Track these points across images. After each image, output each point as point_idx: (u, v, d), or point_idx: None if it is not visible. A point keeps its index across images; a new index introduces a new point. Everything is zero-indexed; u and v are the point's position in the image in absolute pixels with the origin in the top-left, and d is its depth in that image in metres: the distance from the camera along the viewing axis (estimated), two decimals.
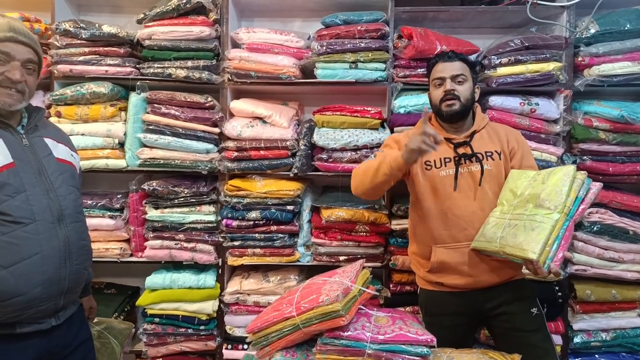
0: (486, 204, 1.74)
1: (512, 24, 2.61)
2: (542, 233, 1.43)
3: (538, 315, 1.75)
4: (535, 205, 1.53)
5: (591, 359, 2.43)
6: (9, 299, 1.28)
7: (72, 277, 1.42)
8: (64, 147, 1.53)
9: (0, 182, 1.28)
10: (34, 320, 1.35)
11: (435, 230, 1.77)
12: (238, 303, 2.46)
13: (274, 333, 1.42)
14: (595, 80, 2.31)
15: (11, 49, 1.34)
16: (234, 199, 2.39)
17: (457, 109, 1.76)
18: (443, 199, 1.76)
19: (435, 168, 1.79)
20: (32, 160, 1.38)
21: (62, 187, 1.43)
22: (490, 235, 1.61)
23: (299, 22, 2.77)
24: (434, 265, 1.77)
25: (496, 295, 1.75)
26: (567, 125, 2.36)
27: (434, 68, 1.83)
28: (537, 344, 1.69)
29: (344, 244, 2.40)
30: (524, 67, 2.32)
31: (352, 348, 1.33)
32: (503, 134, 1.85)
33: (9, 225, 1.28)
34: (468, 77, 1.79)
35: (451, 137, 1.81)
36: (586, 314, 2.40)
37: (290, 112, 2.51)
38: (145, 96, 2.44)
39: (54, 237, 1.36)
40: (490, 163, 1.77)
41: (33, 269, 1.31)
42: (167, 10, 2.39)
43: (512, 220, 1.57)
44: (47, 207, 1.36)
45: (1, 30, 1.33)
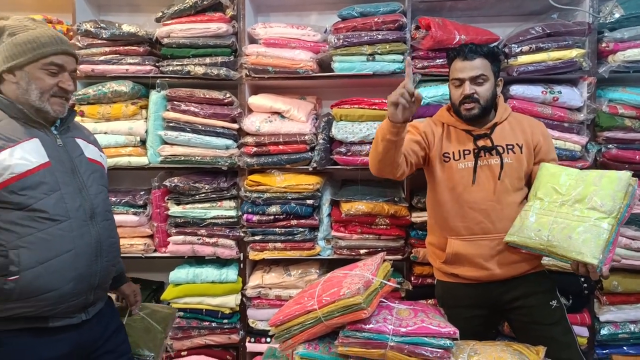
0: (504, 197, 1.72)
1: (532, 11, 2.56)
2: (601, 239, 1.44)
3: (558, 308, 1.72)
4: (587, 207, 1.51)
5: (619, 350, 2.39)
6: (43, 294, 1.31)
7: (102, 274, 1.46)
8: (93, 148, 1.58)
9: (37, 180, 1.33)
10: (65, 314, 1.38)
11: (452, 222, 1.76)
12: (260, 297, 2.48)
13: (296, 326, 1.43)
14: (620, 66, 2.24)
15: (63, 60, 1.40)
16: (254, 194, 2.40)
17: (476, 113, 1.72)
18: (460, 191, 1.74)
19: (453, 160, 1.76)
20: (65, 160, 1.43)
21: (93, 186, 1.48)
22: (534, 232, 1.58)
23: (315, 16, 2.77)
24: (449, 257, 1.76)
25: (513, 288, 1.73)
26: (591, 113, 2.30)
27: (452, 64, 1.77)
28: (558, 337, 1.66)
29: (364, 237, 2.40)
30: (545, 55, 2.27)
31: (374, 341, 1.34)
32: (527, 125, 1.80)
33: (45, 222, 1.32)
34: (489, 75, 1.72)
35: (471, 129, 1.77)
36: (613, 305, 2.36)
37: (308, 107, 2.51)
38: (165, 94, 2.47)
39: (86, 235, 1.40)
40: (511, 156, 1.74)
41: (66, 265, 1.34)
42: (185, 8, 2.41)
43: (559, 219, 1.54)
44: (80, 205, 1.41)
45: (55, 43, 1.38)
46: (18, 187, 1.29)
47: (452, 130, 1.81)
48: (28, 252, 1.29)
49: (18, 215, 1.30)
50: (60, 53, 1.39)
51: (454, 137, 1.79)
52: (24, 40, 1.35)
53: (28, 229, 1.30)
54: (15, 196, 1.29)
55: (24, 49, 1.35)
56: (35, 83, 1.36)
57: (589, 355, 2.36)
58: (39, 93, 1.37)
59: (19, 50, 1.34)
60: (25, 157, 1.32)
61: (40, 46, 1.36)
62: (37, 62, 1.36)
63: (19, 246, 1.29)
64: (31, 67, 1.36)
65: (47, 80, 1.37)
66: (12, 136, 1.32)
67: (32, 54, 1.35)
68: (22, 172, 1.30)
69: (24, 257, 1.29)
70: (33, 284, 1.30)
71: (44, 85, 1.37)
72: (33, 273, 1.29)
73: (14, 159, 1.29)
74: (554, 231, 1.53)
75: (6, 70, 1.36)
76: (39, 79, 1.36)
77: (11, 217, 1.29)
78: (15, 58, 1.34)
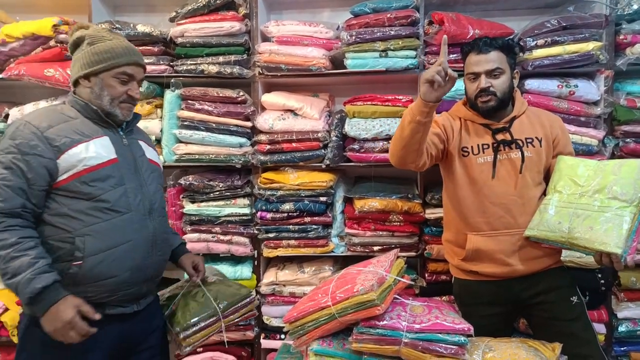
0: (525, 191, 1.70)
1: (547, 4, 2.52)
2: (624, 228, 1.42)
3: (578, 303, 1.70)
4: (608, 197, 1.49)
5: (637, 348, 2.35)
6: (103, 280, 1.42)
7: (155, 266, 1.57)
8: (152, 150, 1.70)
9: (106, 174, 1.44)
10: (120, 303, 1.48)
11: (472, 217, 1.74)
12: (274, 294, 2.50)
13: (310, 323, 1.44)
14: (639, 58, 2.20)
15: (134, 71, 1.53)
16: (268, 192, 2.42)
17: (493, 105, 1.70)
18: (480, 186, 1.72)
19: (472, 155, 1.74)
20: (130, 158, 1.54)
21: (152, 184, 1.59)
22: (554, 225, 1.56)
23: (328, 13, 2.76)
24: (469, 253, 1.74)
25: (534, 284, 1.71)
26: (609, 107, 2.27)
27: (467, 58, 1.75)
28: (578, 333, 1.64)
29: (378, 234, 2.40)
30: (561, 48, 2.23)
31: (389, 337, 1.34)
32: (545, 119, 1.79)
33: (109, 213, 1.43)
34: (505, 68, 1.70)
35: (489, 123, 1.76)
36: (631, 302, 2.32)
37: (321, 104, 2.51)
38: (179, 93, 2.49)
39: (144, 228, 1.51)
40: (531, 150, 1.72)
41: (125, 254, 1.45)
42: (198, 7, 2.43)
43: (579, 210, 1.53)
44: (140, 200, 1.51)
45: (128, 54, 1.52)
46: (89, 179, 1.41)
47: (470, 124, 1.79)
48: (92, 239, 1.40)
49: (86, 205, 1.41)
50: (131, 64, 1.52)
51: (472, 132, 1.78)
52: (101, 50, 1.48)
53: (94, 219, 1.41)
54: (86, 187, 1.41)
55: (101, 58, 1.48)
56: (108, 90, 1.49)
57: (606, 352, 2.33)
58: (110, 99, 1.50)
59: (96, 59, 1.48)
60: (98, 151, 1.44)
61: (115, 56, 1.49)
62: (110, 71, 1.49)
63: (84, 234, 1.39)
64: (105, 75, 1.49)
65: (118, 88, 1.50)
66: (86, 133, 1.45)
67: (108, 63, 1.48)
68: (94, 165, 1.42)
69: (88, 244, 1.39)
70: (94, 269, 1.40)
71: (115, 92, 1.50)
72: (96, 259, 1.40)
73: (88, 153, 1.42)
74: (575, 223, 1.51)
75: (83, 75, 1.49)
76: (111, 86, 1.49)
77: (80, 207, 1.40)
78: (92, 65, 1.48)
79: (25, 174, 1.35)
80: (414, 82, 2.49)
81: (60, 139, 1.40)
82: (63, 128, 1.42)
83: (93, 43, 1.50)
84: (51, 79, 2.46)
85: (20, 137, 1.37)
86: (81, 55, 1.50)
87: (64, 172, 1.40)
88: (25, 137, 1.37)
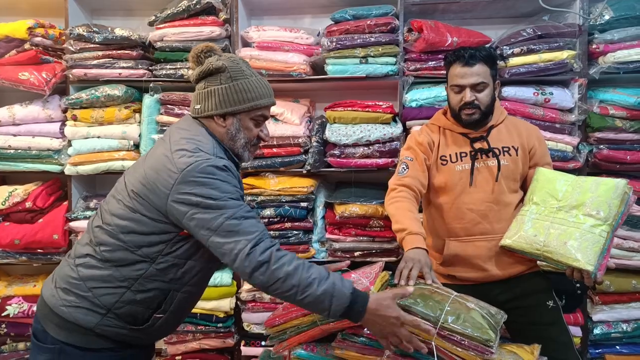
0: (501, 198, 1.73)
1: (523, 13, 2.58)
2: (597, 245, 1.47)
3: (554, 307, 1.73)
4: (583, 213, 1.53)
5: (612, 350, 2.40)
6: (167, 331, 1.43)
7: None
8: None
9: None
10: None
11: (449, 223, 1.76)
12: (255, 300, 2.48)
13: (291, 329, 1.43)
14: (611, 67, 2.27)
15: (268, 111, 1.43)
16: (248, 197, 2.40)
17: (476, 118, 1.71)
18: (458, 193, 1.75)
19: (451, 162, 1.77)
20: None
21: None
22: (530, 237, 1.59)
23: (309, 19, 2.77)
24: (447, 258, 1.77)
25: (510, 289, 1.74)
26: (583, 114, 2.32)
27: (451, 68, 1.73)
28: (555, 338, 1.67)
29: (359, 239, 2.41)
30: (537, 57, 2.29)
31: (371, 347, 1.34)
32: (523, 129, 1.81)
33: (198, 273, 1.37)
34: (489, 81, 1.69)
35: (467, 132, 1.78)
36: (606, 305, 2.37)
37: (301, 109, 2.51)
38: (158, 97, 2.46)
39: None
40: (507, 158, 1.74)
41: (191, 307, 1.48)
42: (178, 12, 2.41)
43: (555, 224, 1.56)
44: None
45: (268, 94, 1.39)
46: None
47: (449, 133, 1.82)
48: (183, 297, 1.33)
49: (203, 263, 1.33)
50: (270, 105, 1.42)
51: (451, 140, 1.80)
52: (244, 88, 1.34)
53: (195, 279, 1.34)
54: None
55: (243, 98, 1.34)
56: (244, 132, 1.38)
57: (582, 354, 2.37)
58: (244, 142, 1.39)
59: (238, 98, 1.33)
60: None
61: (257, 97, 1.36)
62: (250, 112, 1.36)
63: (180, 290, 1.32)
64: (244, 116, 1.36)
65: (254, 130, 1.40)
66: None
67: (250, 104, 1.34)
68: None
69: (177, 300, 1.32)
70: (167, 322, 1.34)
71: (251, 135, 1.39)
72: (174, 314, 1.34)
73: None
74: (550, 237, 1.55)
75: (221, 114, 1.34)
76: (248, 128, 1.38)
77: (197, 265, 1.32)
78: (233, 105, 1.33)
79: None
80: (394, 89, 2.51)
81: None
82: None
83: (236, 79, 1.34)
84: (25, 83, 2.41)
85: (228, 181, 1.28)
86: (221, 92, 1.33)
87: None
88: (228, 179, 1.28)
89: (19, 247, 2.47)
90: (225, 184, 1.23)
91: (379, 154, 2.37)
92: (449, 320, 1.27)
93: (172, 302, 1.31)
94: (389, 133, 2.34)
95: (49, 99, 2.53)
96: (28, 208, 2.48)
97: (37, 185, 2.60)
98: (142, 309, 1.29)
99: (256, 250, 1.19)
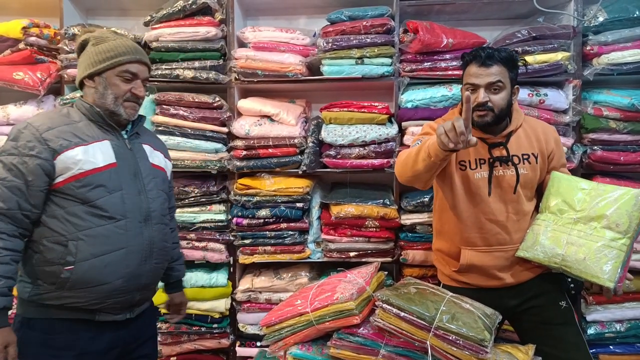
0: (520, 208, 1.70)
1: (518, 15, 2.59)
2: (617, 260, 1.45)
3: (567, 308, 1.71)
4: (603, 225, 1.51)
5: (605, 350, 2.41)
6: (95, 286, 1.40)
7: (149, 274, 1.54)
8: (159, 154, 1.69)
9: (101, 179, 1.43)
10: (111, 310, 1.47)
11: (466, 232, 1.72)
12: (250, 301, 2.48)
13: (287, 328, 1.43)
14: (605, 69, 2.28)
15: (137, 69, 1.53)
16: (244, 198, 2.40)
17: (488, 121, 1.63)
18: (477, 201, 1.69)
19: (470, 169, 1.69)
20: (131, 163, 1.53)
21: (152, 190, 1.57)
22: (548, 250, 1.58)
23: (304, 20, 2.78)
24: (463, 267, 1.73)
25: (522, 292, 1.72)
26: (577, 116, 2.33)
27: (468, 68, 1.66)
28: (567, 338, 1.65)
29: (354, 240, 2.41)
30: (531, 58, 2.29)
31: (367, 347, 1.34)
32: (541, 132, 1.75)
33: (103, 218, 1.42)
34: (506, 83, 1.61)
35: (486, 137, 1.69)
36: (600, 305, 2.38)
37: (297, 110, 2.51)
38: (153, 98, 2.46)
39: (139, 235, 1.49)
40: (527, 167, 1.69)
41: (118, 261, 1.43)
42: (174, 12, 2.41)
43: (573, 237, 1.54)
44: (137, 206, 1.50)
45: (130, 52, 1.51)
46: (84, 183, 1.41)
47: None
48: (85, 244, 1.39)
49: (81, 209, 1.40)
50: (134, 62, 1.52)
51: None
52: (104, 49, 1.49)
53: (88, 223, 1.40)
54: (81, 190, 1.40)
55: (104, 57, 1.48)
56: (111, 88, 1.49)
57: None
58: (113, 97, 1.50)
59: (99, 59, 1.48)
60: (95, 155, 1.44)
61: (117, 55, 1.49)
62: (114, 69, 1.49)
63: (78, 238, 1.39)
64: (109, 74, 1.49)
65: (122, 86, 1.50)
66: (87, 136, 1.45)
67: (110, 61, 1.48)
68: (89, 169, 1.42)
69: (80, 249, 1.38)
70: (86, 275, 1.39)
71: (119, 90, 1.50)
72: (87, 265, 1.39)
73: (84, 156, 1.41)
74: (569, 250, 1.53)
75: (87, 76, 1.50)
76: (115, 85, 1.50)
77: (75, 210, 1.40)
78: (95, 65, 1.48)
79: (25, 175, 1.36)
80: (389, 89, 2.52)
81: (58, 140, 1.40)
82: (63, 130, 1.43)
83: (97, 44, 1.50)
84: (20, 82, 2.40)
85: (21, 138, 1.39)
86: (86, 56, 1.51)
87: (61, 174, 1.40)
88: (25, 138, 1.39)
89: None
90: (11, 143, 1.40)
91: (374, 155, 2.37)
92: (444, 320, 1.28)
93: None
94: (385, 134, 2.34)
95: (43, 99, 2.52)
96: None
97: None
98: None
99: None
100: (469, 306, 1.39)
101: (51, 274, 1.38)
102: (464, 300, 1.44)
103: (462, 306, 1.38)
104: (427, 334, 1.28)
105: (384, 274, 1.67)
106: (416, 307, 1.32)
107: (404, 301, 1.34)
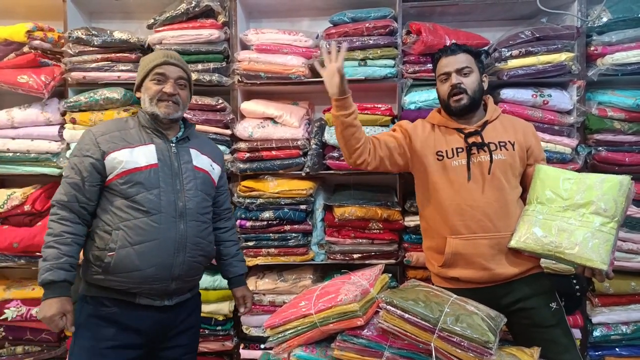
0: (501, 194, 1.72)
1: (522, 16, 2.59)
2: (608, 243, 1.51)
3: (557, 309, 1.72)
4: (591, 211, 1.56)
5: (611, 352, 2.40)
6: (131, 272, 1.57)
7: (183, 267, 1.65)
8: (205, 158, 1.81)
9: (143, 177, 1.60)
10: (149, 295, 1.63)
11: (450, 221, 1.75)
12: (254, 303, 2.46)
13: (291, 330, 1.43)
14: (609, 69, 2.27)
15: (166, 70, 1.69)
16: (247, 200, 2.40)
17: (465, 103, 1.76)
18: (457, 189, 1.75)
19: (447, 158, 1.77)
20: (173, 164, 1.68)
21: (191, 190, 1.70)
22: (540, 239, 1.60)
23: (307, 22, 2.78)
24: (448, 257, 1.74)
25: (513, 291, 1.72)
26: (581, 116, 2.32)
27: (438, 63, 1.83)
28: (557, 340, 1.66)
29: (358, 242, 2.40)
30: (535, 59, 2.29)
31: (371, 349, 1.34)
32: (519, 126, 1.83)
33: (140, 212, 1.59)
34: (474, 68, 1.79)
35: (462, 127, 1.80)
36: (605, 307, 2.37)
37: (300, 112, 2.51)
38: None
39: (172, 229, 1.62)
40: (504, 153, 1.75)
41: (150, 251, 1.58)
42: (177, 15, 2.42)
43: (564, 224, 1.59)
44: (173, 203, 1.64)
45: (158, 57, 1.70)
46: (126, 180, 1.59)
47: (444, 130, 1.83)
48: (124, 234, 1.56)
49: (123, 203, 1.59)
50: (162, 64, 1.69)
51: (446, 136, 1.82)
52: (142, 63, 1.74)
53: (127, 215, 1.58)
54: (123, 187, 1.59)
55: (141, 69, 1.72)
56: (147, 92, 1.69)
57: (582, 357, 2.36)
58: (149, 100, 1.68)
59: (139, 72, 1.73)
60: (138, 157, 1.62)
61: (149, 63, 1.70)
62: (148, 76, 1.70)
63: (119, 228, 1.57)
64: (146, 82, 1.71)
65: (154, 87, 1.68)
66: (134, 140, 1.65)
67: (145, 69, 1.70)
68: (131, 169, 1.60)
69: (120, 238, 1.56)
70: (124, 261, 1.56)
71: (151, 92, 1.68)
72: (125, 252, 1.56)
73: (128, 157, 1.60)
74: (561, 237, 1.57)
75: (135, 90, 1.76)
76: (149, 88, 1.69)
77: (118, 204, 1.59)
78: (138, 78, 1.73)
79: (81, 173, 1.59)
80: (392, 91, 2.52)
81: (108, 143, 1.61)
82: (114, 135, 1.64)
83: (140, 62, 1.75)
84: (24, 86, 2.41)
85: (82, 142, 1.64)
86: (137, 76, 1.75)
87: (110, 172, 1.60)
88: (84, 142, 1.63)
89: (18, 251, 2.46)
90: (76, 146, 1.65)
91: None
92: (448, 322, 1.27)
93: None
94: None
95: (47, 102, 2.53)
96: (27, 211, 2.48)
97: (35, 189, 2.60)
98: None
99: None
100: (474, 308, 1.39)
101: (99, 258, 1.57)
102: (469, 302, 1.43)
103: (467, 308, 1.38)
104: (432, 336, 1.27)
105: (388, 276, 1.67)
106: (420, 309, 1.31)
107: (408, 303, 1.33)
